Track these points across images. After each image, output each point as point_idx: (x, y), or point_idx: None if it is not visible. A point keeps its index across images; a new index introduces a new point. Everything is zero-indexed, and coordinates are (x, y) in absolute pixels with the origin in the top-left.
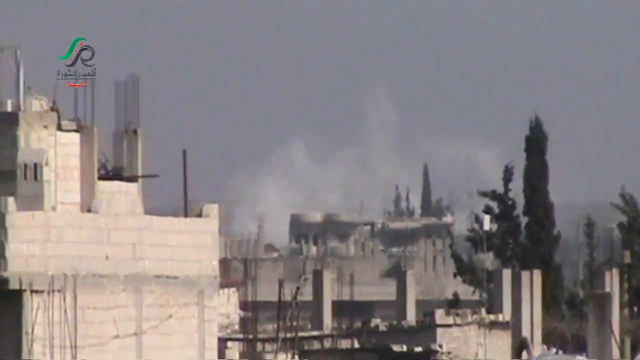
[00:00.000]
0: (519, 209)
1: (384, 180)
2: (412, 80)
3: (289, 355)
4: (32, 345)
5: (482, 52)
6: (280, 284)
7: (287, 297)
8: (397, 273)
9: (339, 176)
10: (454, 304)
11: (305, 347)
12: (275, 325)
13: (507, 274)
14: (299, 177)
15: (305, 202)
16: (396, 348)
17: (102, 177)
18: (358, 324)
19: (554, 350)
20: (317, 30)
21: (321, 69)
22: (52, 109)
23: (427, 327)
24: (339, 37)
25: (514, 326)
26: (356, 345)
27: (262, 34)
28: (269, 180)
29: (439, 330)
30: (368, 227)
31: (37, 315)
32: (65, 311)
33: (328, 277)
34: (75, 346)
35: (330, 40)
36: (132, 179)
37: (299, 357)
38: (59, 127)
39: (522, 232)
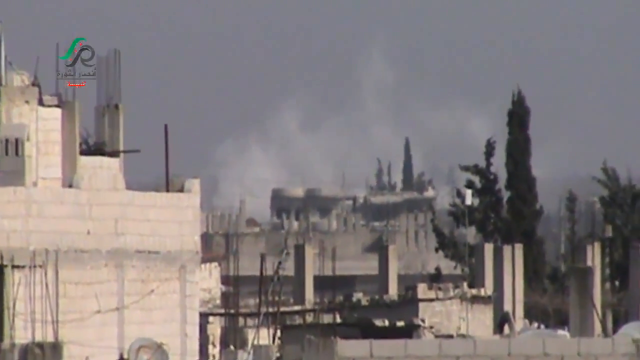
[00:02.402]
0: (501, 183)
1: (375, 150)
2: (406, 45)
3: (271, 330)
4: (13, 320)
5: (472, 21)
6: (262, 259)
7: (269, 271)
8: (379, 247)
9: (330, 146)
10: (436, 279)
11: (287, 322)
12: (257, 300)
13: (489, 248)
14: (289, 148)
15: (293, 175)
16: (378, 322)
17: (83, 152)
18: (340, 299)
19: (536, 324)
20: None
21: (315, 31)
22: (33, 84)
23: (409, 302)
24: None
25: (496, 300)
26: (338, 319)
27: None
28: (257, 151)
29: (421, 305)
30: (350, 202)
31: (18, 290)
32: (47, 286)
33: (310, 252)
34: (57, 321)
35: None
36: (113, 154)
37: (281, 332)
38: (41, 102)
39: (504, 207)
